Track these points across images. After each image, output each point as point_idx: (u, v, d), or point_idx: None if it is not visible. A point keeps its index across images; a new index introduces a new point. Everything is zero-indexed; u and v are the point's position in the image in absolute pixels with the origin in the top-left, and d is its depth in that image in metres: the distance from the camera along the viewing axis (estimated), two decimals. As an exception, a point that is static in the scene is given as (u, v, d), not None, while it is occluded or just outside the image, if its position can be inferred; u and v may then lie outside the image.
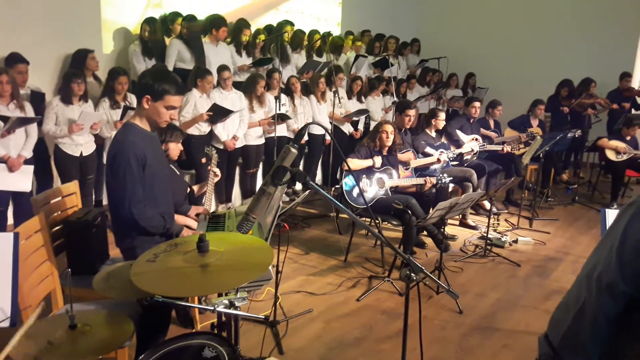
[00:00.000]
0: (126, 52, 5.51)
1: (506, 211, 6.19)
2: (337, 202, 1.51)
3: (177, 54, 5.51)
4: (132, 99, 4.88)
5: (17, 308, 1.83)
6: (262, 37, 6.38)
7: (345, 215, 5.60)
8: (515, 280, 4.28)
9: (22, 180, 4.16)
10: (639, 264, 1.08)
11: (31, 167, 4.23)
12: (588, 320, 1.13)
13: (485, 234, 4.89)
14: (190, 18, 5.66)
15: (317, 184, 1.53)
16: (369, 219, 4.65)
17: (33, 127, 4.26)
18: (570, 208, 6.56)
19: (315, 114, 6.37)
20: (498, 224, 5.69)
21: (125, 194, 2.43)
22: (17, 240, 1.84)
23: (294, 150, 1.40)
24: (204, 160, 5.07)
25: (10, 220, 4.41)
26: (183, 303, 1.78)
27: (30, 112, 4.22)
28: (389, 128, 4.42)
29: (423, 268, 1.57)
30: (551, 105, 7.66)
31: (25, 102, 4.21)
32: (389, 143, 4.44)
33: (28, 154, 4.23)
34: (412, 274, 1.54)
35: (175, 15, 5.79)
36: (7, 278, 1.80)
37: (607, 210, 2.53)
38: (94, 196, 5.13)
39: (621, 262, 1.09)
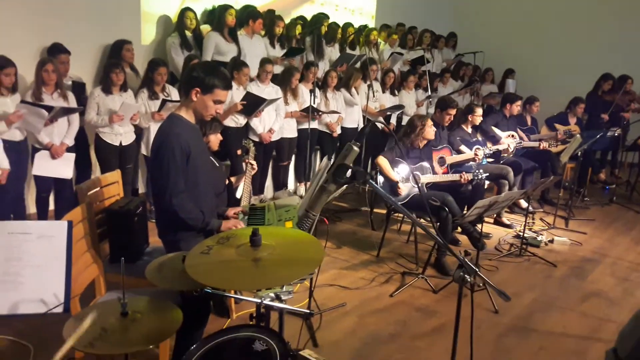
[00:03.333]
0: (164, 44, 5.55)
1: (541, 210, 6.08)
2: (396, 202, 1.50)
3: (215, 47, 5.51)
4: (171, 91, 4.93)
5: (70, 295, 1.87)
6: (299, 28, 6.36)
7: (378, 211, 5.59)
8: (551, 280, 4.21)
9: (64, 167, 4.27)
10: None
11: (73, 155, 4.33)
12: None
13: (520, 233, 4.81)
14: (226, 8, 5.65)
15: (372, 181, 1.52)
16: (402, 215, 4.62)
17: (75, 116, 4.36)
18: (608, 208, 6.40)
19: (347, 107, 6.35)
20: (533, 222, 5.59)
21: (168, 185, 2.46)
22: (70, 228, 1.88)
23: (355, 149, 1.40)
24: (239, 152, 5.10)
25: (51, 205, 4.53)
26: (232, 295, 1.79)
27: (72, 101, 4.32)
28: (429, 122, 4.38)
29: (477, 270, 1.55)
30: (590, 101, 7.44)
31: (68, 91, 4.31)
32: (431, 136, 4.40)
33: (70, 142, 4.34)
34: (466, 276, 1.52)
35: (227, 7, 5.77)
36: (62, 265, 1.85)
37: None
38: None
39: None
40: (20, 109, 3.86)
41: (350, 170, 1.33)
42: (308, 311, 1.84)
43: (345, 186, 3.57)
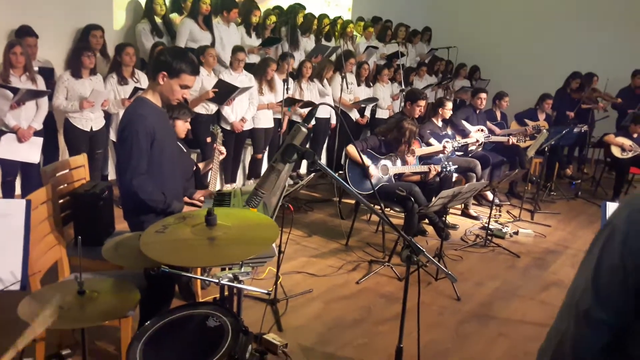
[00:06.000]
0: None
1: (508, 203, 6.22)
2: (344, 182, 1.55)
3: (189, 34, 5.48)
4: (140, 77, 4.90)
5: (27, 273, 1.88)
6: (273, 18, 6.36)
7: (347, 200, 5.66)
8: (514, 270, 4.33)
9: (31, 152, 4.22)
10: (614, 287, 0.98)
11: (40, 139, 4.28)
12: (568, 352, 1.04)
13: (486, 225, 4.93)
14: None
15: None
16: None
17: (44, 100, 4.30)
18: (573, 203, 6.58)
19: (321, 97, 6.39)
20: (500, 215, 5.73)
21: (129, 166, 2.48)
22: (29, 207, 1.89)
23: (304, 130, 1.44)
24: (209, 139, 5.10)
25: (17, 190, 4.47)
26: (189, 275, 1.82)
27: (41, 85, 4.26)
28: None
29: (424, 250, 1.60)
30: (558, 98, 7.63)
31: (37, 74, 4.25)
32: (412, 143, 4.49)
33: (38, 125, 4.28)
34: (413, 255, 1.58)
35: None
36: (19, 243, 1.85)
37: (608, 203, 2.47)
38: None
39: (596, 286, 1.00)
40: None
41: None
42: (267, 291, 1.88)
43: (312, 175, 3.64)
